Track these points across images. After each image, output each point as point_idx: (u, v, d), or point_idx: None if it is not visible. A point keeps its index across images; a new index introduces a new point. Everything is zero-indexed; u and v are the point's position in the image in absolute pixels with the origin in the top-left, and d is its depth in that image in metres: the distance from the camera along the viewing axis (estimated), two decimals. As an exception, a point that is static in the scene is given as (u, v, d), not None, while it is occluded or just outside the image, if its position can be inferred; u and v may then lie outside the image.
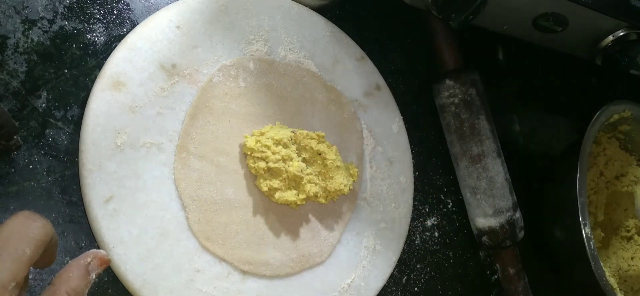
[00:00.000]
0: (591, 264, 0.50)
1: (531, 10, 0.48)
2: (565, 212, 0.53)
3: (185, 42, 0.44)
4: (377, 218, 0.50)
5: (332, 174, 0.46)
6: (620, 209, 0.61)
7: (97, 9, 0.45)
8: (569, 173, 0.52)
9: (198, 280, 0.42)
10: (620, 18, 0.49)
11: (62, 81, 0.43)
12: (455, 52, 0.55)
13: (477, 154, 0.53)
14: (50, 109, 0.42)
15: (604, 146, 0.61)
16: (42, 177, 0.41)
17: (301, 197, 0.45)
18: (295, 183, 0.45)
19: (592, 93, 0.69)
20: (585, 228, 0.50)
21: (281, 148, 0.44)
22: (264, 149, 0.44)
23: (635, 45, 0.50)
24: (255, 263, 0.44)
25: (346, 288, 0.47)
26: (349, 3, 0.54)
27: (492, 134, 0.54)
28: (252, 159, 0.44)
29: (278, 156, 0.44)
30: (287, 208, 0.46)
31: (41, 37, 0.42)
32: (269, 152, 0.44)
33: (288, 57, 0.48)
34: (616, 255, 0.60)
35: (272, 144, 0.44)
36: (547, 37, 0.51)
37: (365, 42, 0.53)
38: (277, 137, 0.44)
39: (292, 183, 0.45)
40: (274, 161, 0.43)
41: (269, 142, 0.44)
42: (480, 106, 0.54)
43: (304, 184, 0.45)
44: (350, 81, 0.51)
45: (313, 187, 0.45)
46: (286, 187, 0.45)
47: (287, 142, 0.44)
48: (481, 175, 0.53)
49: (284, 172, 0.44)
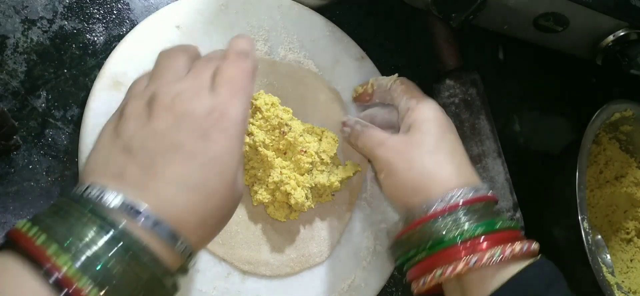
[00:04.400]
0: (589, 258, 0.50)
1: (531, 10, 0.48)
2: (564, 209, 0.53)
3: (185, 42, 0.44)
4: (377, 218, 0.50)
5: (322, 169, 0.46)
6: (620, 211, 0.61)
7: (97, 9, 0.45)
8: (569, 169, 0.52)
9: (198, 280, 0.42)
10: (620, 18, 0.48)
11: (62, 80, 0.43)
12: (455, 52, 0.55)
13: (477, 154, 0.53)
14: (49, 109, 0.42)
15: (604, 147, 0.61)
16: (41, 177, 0.41)
17: (293, 216, 0.45)
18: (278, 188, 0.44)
19: (592, 93, 0.69)
20: (584, 223, 0.50)
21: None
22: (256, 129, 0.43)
23: (635, 45, 0.50)
24: (255, 263, 0.44)
25: (346, 288, 0.47)
26: (349, 3, 0.54)
27: (492, 134, 0.54)
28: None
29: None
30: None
31: (41, 37, 0.42)
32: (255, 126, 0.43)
33: (288, 57, 0.48)
34: (616, 257, 0.60)
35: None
36: (547, 37, 0.51)
37: (365, 42, 0.53)
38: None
39: (284, 197, 0.44)
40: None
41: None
42: (480, 106, 0.54)
43: (287, 189, 0.43)
44: (350, 81, 0.51)
45: (299, 194, 0.43)
46: (274, 198, 0.44)
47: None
48: (481, 175, 0.53)
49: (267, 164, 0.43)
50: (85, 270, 0.26)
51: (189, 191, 0.30)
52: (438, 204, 0.38)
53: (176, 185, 0.30)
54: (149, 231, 0.28)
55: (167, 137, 0.30)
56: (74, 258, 0.26)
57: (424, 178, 0.39)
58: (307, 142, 0.44)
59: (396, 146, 0.42)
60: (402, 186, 0.40)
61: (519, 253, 0.37)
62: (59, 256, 0.26)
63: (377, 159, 0.42)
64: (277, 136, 0.43)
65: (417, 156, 0.40)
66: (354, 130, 0.45)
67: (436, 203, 0.38)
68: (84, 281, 0.26)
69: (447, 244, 0.37)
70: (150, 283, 0.28)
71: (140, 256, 0.28)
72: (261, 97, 0.43)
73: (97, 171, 0.31)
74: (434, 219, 0.38)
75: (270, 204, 0.44)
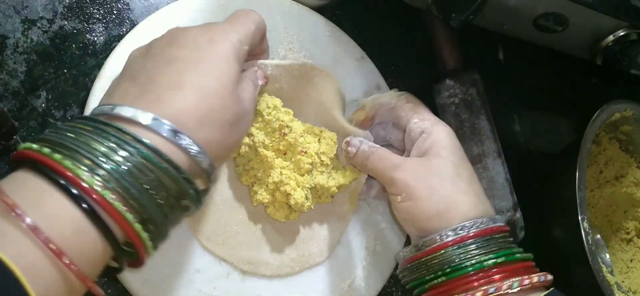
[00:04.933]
0: (588, 258, 0.50)
1: (531, 10, 0.48)
2: (564, 209, 0.53)
3: (185, 42, 0.44)
4: (377, 218, 0.50)
5: (322, 170, 0.45)
6: (620, 211, 0.61)
7: (97, 9, 0.45)
8: (569, 169, 0.52)
9: (198, 280, 0.42)
10: (620, 18, 0.48)
11: (62, 80, 0.43)
12: (455, 52, 0.55)
13: (477, 154, 0.53)
14: (49, 109, 0.42)
15: (604, 147, 0.61)
16: (41, 177, 0.41)
17: (293, 216, 0.45)
18: (278, 188, 0.43)
19: (592, 93, 0.69)
20: (584, 223, 0.50)
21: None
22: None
23: (635, 45, 0.50)
24: (255, 263, 0.44)
25: (346, 288, 0.47)
26: (349, 3, 0.54)
27: (492, 134, 0.54)
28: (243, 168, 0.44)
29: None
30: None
31: (41, 37, 0.42)
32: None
33: (288, 57, 0.48)
34: (616, 257, 0.60)
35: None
36: (547, 37, 0.51)
37: (365, 42, 0.53)
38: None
39: (284, 197, 0.44)
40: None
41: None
42: (480, 106, 0.53)
43: (287, 190, 0.43)
44: (350, 81, 0.51)
45: (299, 195, 0.43)
46: (274, 199, 0.44)
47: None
48: (481, 175, 0.53)
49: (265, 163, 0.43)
50: (103, 178, 0.28)
51: (186, 90, 0.32)
52: (459, 232, 0.38)
53: (172, 89, 0.32)
54: (150, 130, 0.30)
55: (163, 57, 0.33)
56: (91, 169, 0.28)
57: (447, 206, 0.40)
58: (308, 143, 0.44)
59: (415, 170, 0.41)
60: (421, 212, 0.40)
61: (537, 284, 0.37)
62: (78, 169, 0.27)
63: (394, 183, 0.41)
64: (277, 137, 0.43)
65: (438, 182, 0.40)
66: (361, 151, 0.44)
67: (458, 230, 0.38)
68: (102, 188, 0.27)
69: (467, 271, 0.37)
70: (168, 185, 0.30)
71: (149, 157, 0.29)
72: (263, 101, 0.42)
73: (103, 100, 0.34)
74: (456, 246, 0.38)
75: (270, 205, 0.44)
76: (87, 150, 0.28)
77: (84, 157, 0.28)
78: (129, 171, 0.28)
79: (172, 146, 0.30)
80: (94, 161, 0.28)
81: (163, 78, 0.32)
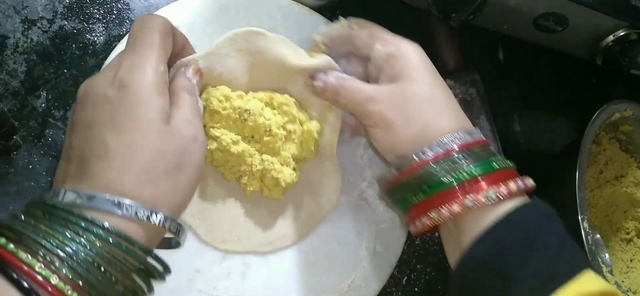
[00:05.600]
0: (588, 258, 0.50)
1: (531, 10, 0.48)
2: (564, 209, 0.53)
3: (185, 42, 0.44)
4: (377, 218, 0.50)
5: (292, 138, 0.44)
6: (620, 211, 0.61)
7: (97, 9, 0.45)
8: (569, 169, 0.52)
9: (198, 280, 0.42)
10: (620, 18, 0.49)
11: (62, 80, 0.43)
12: (455, 52, 0.55)
13: (477, 154, 0.53)
14: (49, 109, 0.42)
15: (604, 147, 0.61)
16: (41, 177, 0.41)
17: (289, 188, 0.44)
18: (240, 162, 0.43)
19: (592, 93, 0.69)
20: (584, 223, 0.50)
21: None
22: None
23: (635, 45, 0.50)
24: (274, 240, 0.45)
25: (346, 288, 0.47)
26: (349, 3, 0.54)
27: (492, 134, 0.54)
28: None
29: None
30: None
31: (41, 37, 0.42)
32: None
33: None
34: (615, 257, 0.60)
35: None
36: (547, 37, 0.51)
37: (365, 42, 0.53)
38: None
39: (273, 181, 0.43)
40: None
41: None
42: (480, 106, 0.53)
43: (273, 175, 0.43)
44: (350, 80, 0.51)
45: (286, 174, 0.43)
46: (264, 184, 0.44)
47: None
48: (481, 175, 0.53)
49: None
50: (58, 268, 0.27)
51: (110, 155, 0.30)
52: (435, 149, 0.37)
53: (99, 158, 0.30)
54: (93, 209, 0.29)
55: (82, 125, 0.32)
56: (45, 259, 0.27)
57: (424, 129, 0.39)
58: (268, 120, 0.42)
59: (389, 99, 0.40)
60: (400, 140, 0.39)
61: (514, 191, 0.37)
62: (30, 261, 0.26)
63: (369, 115, 0.40)
64: (241, 125, 0.42)
65: (414, 107, 0.39)
66: (329, 85, 0.42)
67: (433, 148, 0.37)
68: (55, 278, 0.26)
69: (445, 186, 0.36)
70: (123, 260, 0.29)
71: (100, 235, 0.28)
72: (213, 97, 0.41)
73: (55, 176, 0.33)
74: (435, 162, 0.37)
75: (264, 189, 0.44)
76: (40, 239, 0.27)
77: (40, 246, 0.27)
78: (79, 255, 0.27)
79: (118, 218, 0.29)
80: (49, 250, 0.27)
81: (88, 149, 0.30)
